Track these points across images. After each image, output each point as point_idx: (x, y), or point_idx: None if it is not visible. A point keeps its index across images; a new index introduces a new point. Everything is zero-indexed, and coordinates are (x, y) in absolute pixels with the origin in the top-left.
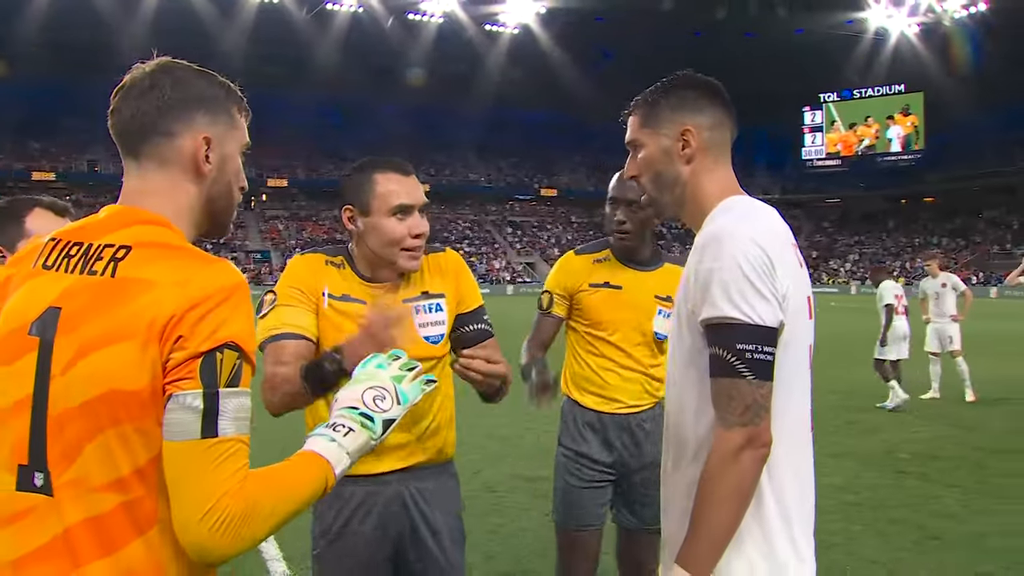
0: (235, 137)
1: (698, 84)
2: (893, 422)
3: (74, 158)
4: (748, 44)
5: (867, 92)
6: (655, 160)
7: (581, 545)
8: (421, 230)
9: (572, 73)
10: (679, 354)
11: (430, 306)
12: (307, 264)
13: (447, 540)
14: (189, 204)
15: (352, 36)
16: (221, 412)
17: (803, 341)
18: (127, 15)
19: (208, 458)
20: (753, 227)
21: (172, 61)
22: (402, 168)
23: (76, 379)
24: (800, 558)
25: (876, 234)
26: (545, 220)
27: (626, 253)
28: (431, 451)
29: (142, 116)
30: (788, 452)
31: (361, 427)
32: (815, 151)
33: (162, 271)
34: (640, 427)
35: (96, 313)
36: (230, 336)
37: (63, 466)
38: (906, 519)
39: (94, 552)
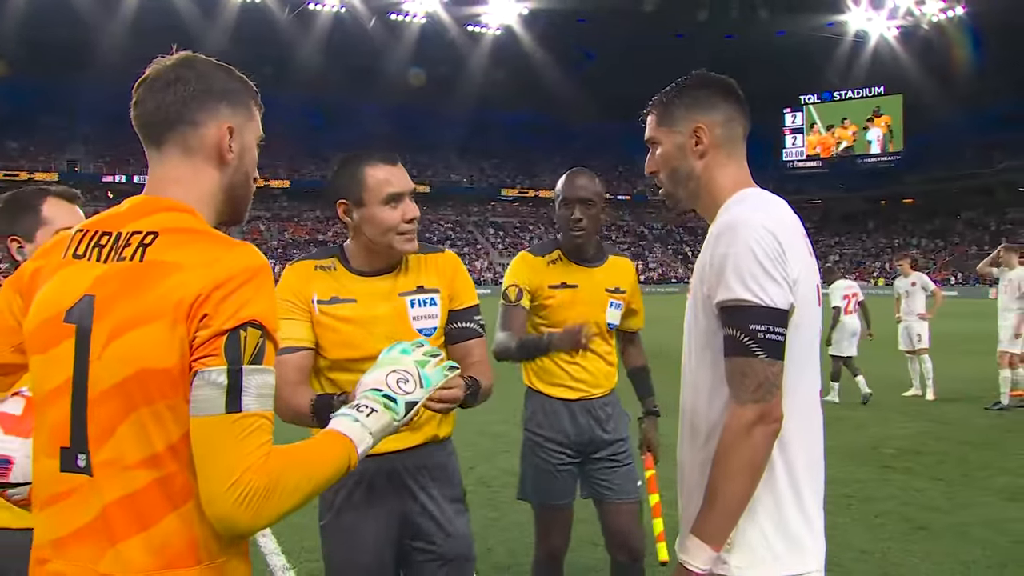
0: (252, 128)
1: (711, 83)
2: (878, 419)
3: (53, 157)
4: (729, 46)
5: (847, 94)
6: (671, 156)
7: (556, 519)
8: (413, 214)
9: (554, 74)
10: (695, 337)
11: (424, 300)
12: (296, 273)
13: (450, 511)
14: (212, 191)
15: (334, 36)
16: (244, 388)
17: (812, 324)
18: (107, 14)
19: (232, 432)
20: (765, 216)
21: (194, 55)
22: (389, 158)
23: (110, 360)
24: (812, 530)
25: (856, 235)
26: (527, 221)
27: (576, 252)
28: (427, 435)
29: (167, 107)
30: (799, 428)
31: (384, 408)
32: (796, 152)
33: (188, 254)
34: (603, 409)
35: (127, 296)
36: (253, 315)
37: (101, 447)
38: (893, 511)
39: (130, 528)
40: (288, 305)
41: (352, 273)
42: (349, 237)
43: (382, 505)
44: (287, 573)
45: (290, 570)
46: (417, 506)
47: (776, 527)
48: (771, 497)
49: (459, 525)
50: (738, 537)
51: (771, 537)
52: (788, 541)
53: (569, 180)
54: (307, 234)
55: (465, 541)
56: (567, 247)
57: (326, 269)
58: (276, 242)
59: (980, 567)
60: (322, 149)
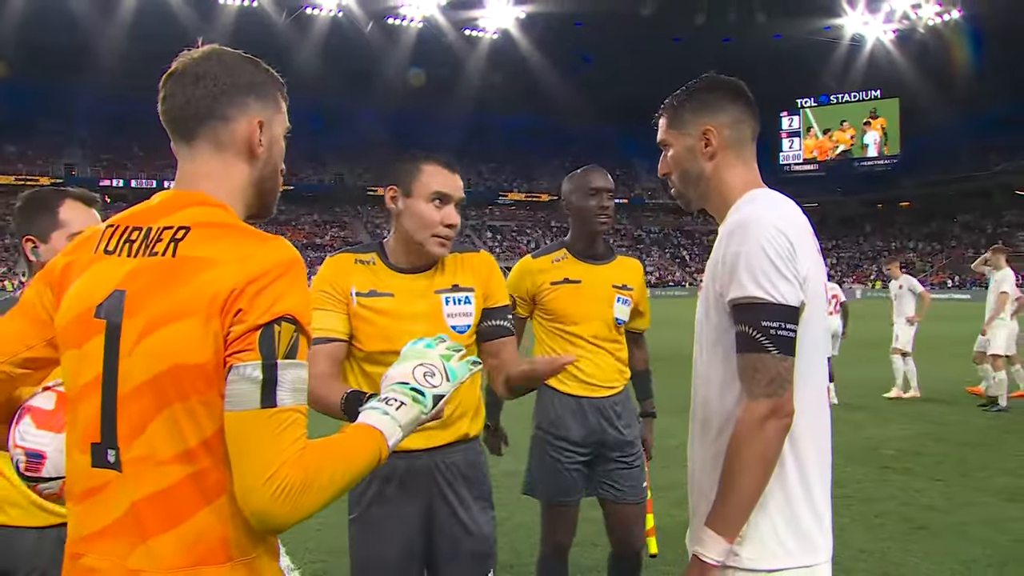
0: (280, 121)
1: (719, 86)
2: (877, 420)
3: (51, 161)
4: (726, 49)
5: (843, 97)
6: (681, 158)
7: (563, 516)
8: (453, 220)
9: (551, 78)
10: (707, 333)
11: (459, 298)
12: (335, 265)
13: (475, 509)
14: (242, 186)
15: (332, 40)
16: (280, 382)
17: (821, 321)
18: (104, 18)
19: (268, 427)
20: (776, 215)
21: (220, 48)
22: (449, 165)
23: (143, 356)
24: (821, 524)
25: (853, 238)
26: (525, 224)
27: (586, 248)
28: (457, 433)
29: (198, 102)
30: (809, 423)
31: (412, 401)
32: (793, 156)
33: (221, 249)
34: (613, 409)
35: (159, 292)
36: (287, 309)
37: (130, 442)
38: (893, 511)
39: (162, 524)
40: (324, 296)
41: (390, 268)
42: (391, 230)
43: (411, 502)
44: (291, 573)
45: (294, 571)
46: (445, 504)
47: (786, 521)
48: (781, 491)
49: (483, 524)
50: (749, 530)
51: (781, 530)
52: (798, 534)
53: (591, 174)
54: (304, 238)
55: (488, 541)
56: (581, 242)
57: (365, 263)
58: None
59: (980, 566)
60: (320, 153)
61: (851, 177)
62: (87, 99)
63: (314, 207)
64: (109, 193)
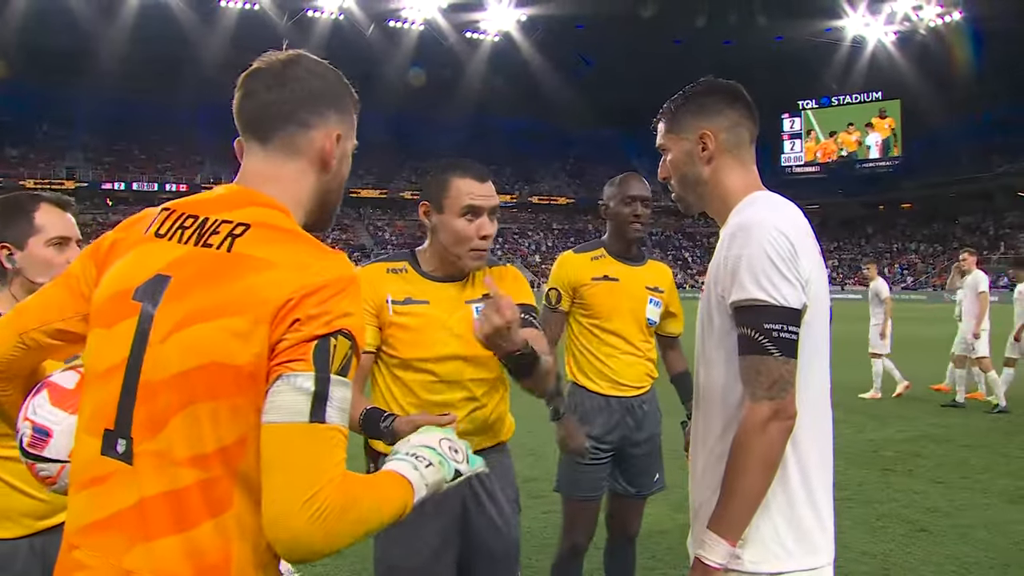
0: (351, 135)
1: (716, 89)
2: (878, 422)
3: (53, 164)
4: (728, 52)
5: (845, 99)
6: (679, 162)
7: (584, 511)
8: (487, 231)
9: (553, 80)
10: (708, 336)
11: None
12: (367, 276)
13: (506, 508)
14: (308, 195)
15: (333, 43)
16: (330, 398)
17: (823, 323)
18: (106, 21)
19: (315, 443)
20: (777, 217)
21: (307, 55)
22: (478, 174)
23: (175, 348)
24: (823, 526)
25: (855, 240)
26: (526, 227)
27: (621, 250)
28: (490, 439)
29: (280, 104)
30: (811, 425)
31: (440, 464)
32: (794, 158)
33: (281, 253)
34: (640, 408)
35: (207, 285)
36: (346, 325)
37: (147, 435)
38: (894, 514)
39: (167, 527)
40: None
41: (423, 276)
42: (427, 240)
43: (444, 505)
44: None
45: (295, 574)
46: (478, 505)
47: (788, 523)
48: (783, 493)
49: (513, 526)
50: (751, 533)
51: (783, 533)
52: (800, 537)
53: (630, 182)
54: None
55: (517, 542)
56: (616, 244)
57: (397, 272)
58: None
59: (982, 569)
60: None
61: (852, 179)
62: (88, 102)
63: None
64: (111, 196)
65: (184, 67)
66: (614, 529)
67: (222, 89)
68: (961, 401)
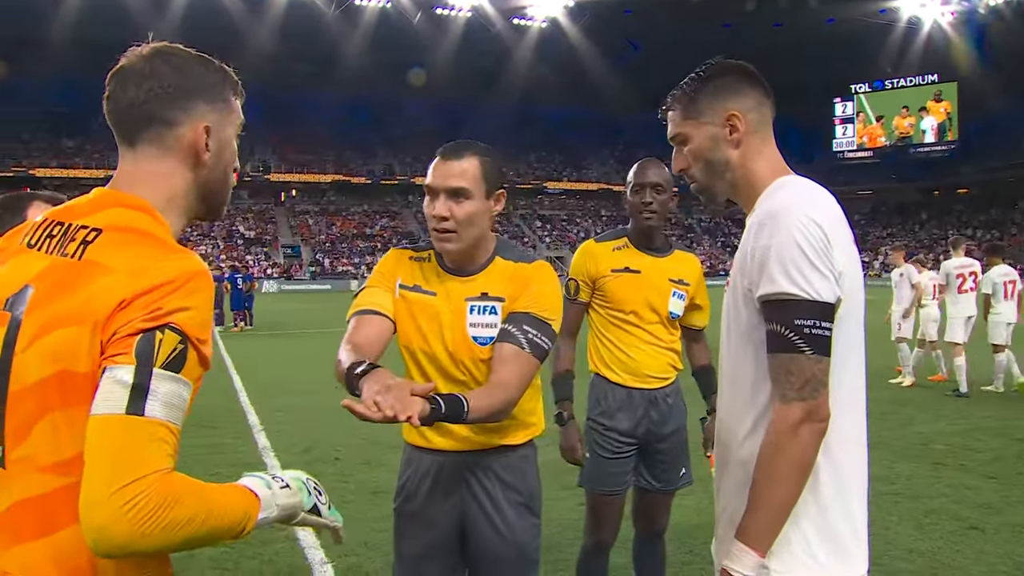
0: (231, 121)
1: (733, 69)
2: (927, 413)
3: (107, 155)
4: (778, 35)
5: (899, 82)
6: (704, 149)
7: (608, 506)
8: (437, 212)
9: (600, 67)
10: (734, 330)
11: (485, 307)
12: (393, 255)
13: (510, 514)
14: (184, 191)
15: (380, 32)
16: (152, 391)
17: (858, 317)
18: (157, 13)
19: (129, 435)
20: (809, 204)
21: (169, 46)
22: (444, 152)
23: (34, 357)
24: (857, 534)
25: (909, 226)
26: (575, 214)
27: (645, 239)
28: (494, 440)
29: (141, 104)
30: (844, 426)
31: (299, 488)
32: (846, 143)
33: (121, 258)
34: (664, 400)
35: (60, 294)
36: (175, 319)
37: (15, 442)
38: (944, 510)
39: (33, 531)
40: (379, 277)
41: (441, 268)
42: None
43: (441, 501)
44: (325, 567)
45: (328, 563)
46: (477, 506)
47: (819, 531)
48: (814, 499)
49: (519, 531)
50: (781, 544)
51: (813, 542)
52: (831, 546)
53: (641, 167)
54: (355, 228)
55: (524, 547)
56: (636, 234)
57: (419, 260)
58: (324, 236)
59: None
60: (368, 144)
61: (906, 164)
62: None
63: (364, 198)
64: None
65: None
66: (641, 524)
67: (270, 79)
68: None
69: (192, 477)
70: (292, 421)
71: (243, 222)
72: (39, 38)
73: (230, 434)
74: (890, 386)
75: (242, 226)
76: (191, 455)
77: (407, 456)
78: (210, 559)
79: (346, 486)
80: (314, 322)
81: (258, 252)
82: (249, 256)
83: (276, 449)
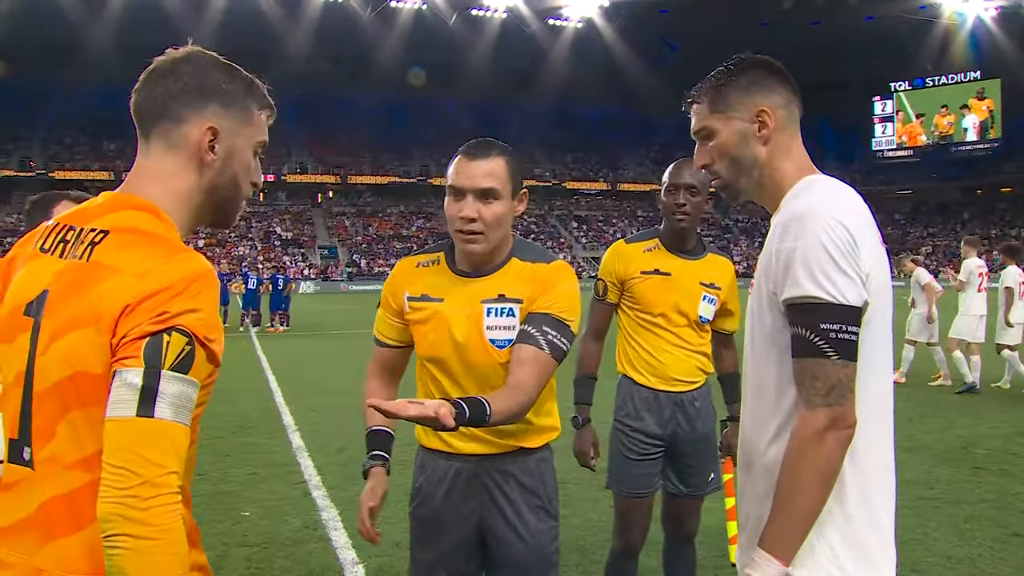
0: (249, 133)
1: (763, 64)
2: (969, 416)
3: None
4: (815, 33)
5: (940, 80)
6: (730, 145)
7: (635, 508)
8: (464, 214)
9: (636, 67)
10: (759, 334)
11: (502, 309)
12: (399, 269)
13: (530, 518)
14: (189, 191)
15: (416, 33)
16: (160, 393)
17: (885, 321)
18: (196, 18)
19: (140, 437)
20: (835, 205)
21: (199, 51)
22: (471, 151)
23: (52, 360)
24: (883, 543)
25: (950, 226)
26: (611, 214)
27: (677, 241)
28: (509, 447)
29: (155, 99)
30: (871, 432)
31: None
32: (886, 141)
33: (127, 259)
34: (692, 404)
35: (72, 297)
36: (181, 322)
37: (42, 442)
38: (985, 516)
39: (66, 527)
40: (385, 300)
41: (452, 271)
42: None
43: (458, 506)
44: (356, 567)
45: (359, 564)
46: (495, 509)
47: (844, 540)
48: (840, 507)
49: (539, 534)
50: (804, 550)
51: (839, 551)
52: (857, 556)
53: (676, 168)
54: (391, 229)
55: (544, 551)
56: (668, 235)
57: (427, 265)
58: (360, 237)
59: None
60: (405, 145)
61: (948, 162)
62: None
63: (400, 199)
64: None
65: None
66: (670, 528)
67: (307, 81)
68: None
69: (228, 482)
70: (326, 421)
71: (280, 223)
72: (81, 44)
73: (265, 434)
74: (930, 388)
75: (279, 227)
76: (234, 455)
77: (421, 460)
78: (243, 559)
79: None
80: (351, 323)
81: (295, 253)
82: (286, 257)
83: (310, 449)
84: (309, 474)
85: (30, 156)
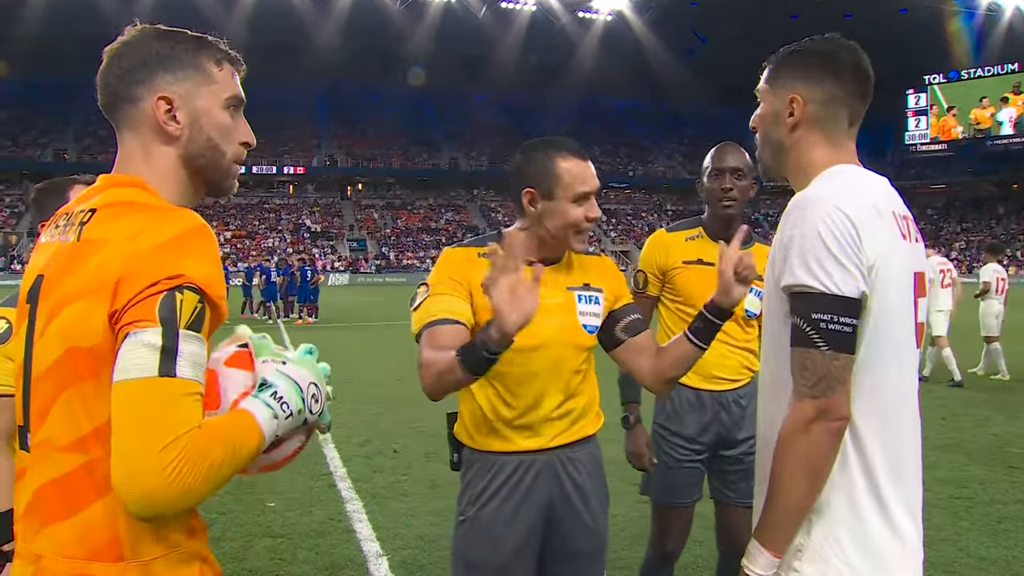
0: (213, 91)
1: (823, 53)
2: (1004, 414)
3: None
4: (847, 25)
5: (976, 72)
6: (766, 119)
7: (675, 518)
8: (596, 214)
9: (666, 60)
10: (770, 326)
11: (590, 297)
12: (461, 255)
13: (595, 503)
14: (168, 167)
15: (445, 26)
16: (180, 352)
17: (902, 316)
18: (226, 10)
19: (166, 396)
20: (841, 194)
21: (139, 27)
22: (580, 152)
23: (49, 340)
24: (899, 539)
25: (984, 221)
26: (640, 208)
27: (721, 230)
28: (583, 432)
29: (108, 87)
30: (880, 426)
31: (298, 414)
32: (919, 135)
33: (116, 229)
34: (737, 403)
35: (65, 276)
36: (190, 278)
37: (37, 426)
38: (1020, 516)
39: (60, 511)
40: (449, 282)
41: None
42: (522, 224)
43: (530, 501)
44: (380, 560)
45: (383, 556)
46: (566, 502)
47: (852, 535)
48: (846, 502)
49: (602, 523)
50: (811, 544)
51: (846, 546)
52: (866, 551)
53: (719, 152)
54: (419, 221)
55: (605, 539)
56: (713, 223)
57: (488, 256)
58: (390, 230)
59: None
60: (434, 138)
61: (982, 157)
62: None
63: (429, 191)
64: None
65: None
66: (725, 544)
67: (337, 74)
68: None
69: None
70: (351, 413)
71: (309, 216)
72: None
73: None
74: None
75: (308, 220)
76: None
77: (480, 464)
78: (268, 549)
79: (405, 479)
80: (378, 315)
81: (324, 245)
82: (316, 249)
83: (335, 440)
84: (335, 466)
85: (64, 148)
